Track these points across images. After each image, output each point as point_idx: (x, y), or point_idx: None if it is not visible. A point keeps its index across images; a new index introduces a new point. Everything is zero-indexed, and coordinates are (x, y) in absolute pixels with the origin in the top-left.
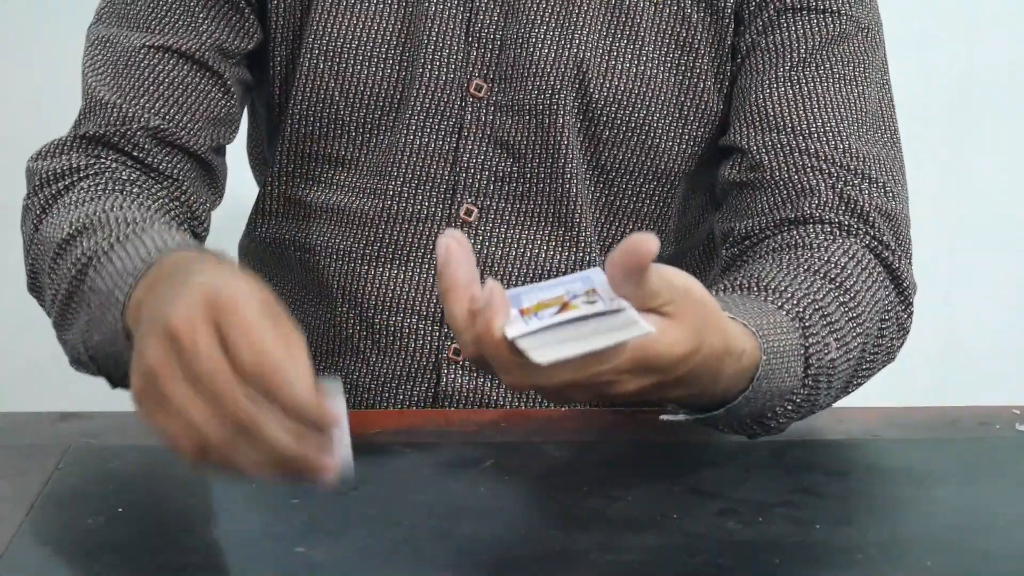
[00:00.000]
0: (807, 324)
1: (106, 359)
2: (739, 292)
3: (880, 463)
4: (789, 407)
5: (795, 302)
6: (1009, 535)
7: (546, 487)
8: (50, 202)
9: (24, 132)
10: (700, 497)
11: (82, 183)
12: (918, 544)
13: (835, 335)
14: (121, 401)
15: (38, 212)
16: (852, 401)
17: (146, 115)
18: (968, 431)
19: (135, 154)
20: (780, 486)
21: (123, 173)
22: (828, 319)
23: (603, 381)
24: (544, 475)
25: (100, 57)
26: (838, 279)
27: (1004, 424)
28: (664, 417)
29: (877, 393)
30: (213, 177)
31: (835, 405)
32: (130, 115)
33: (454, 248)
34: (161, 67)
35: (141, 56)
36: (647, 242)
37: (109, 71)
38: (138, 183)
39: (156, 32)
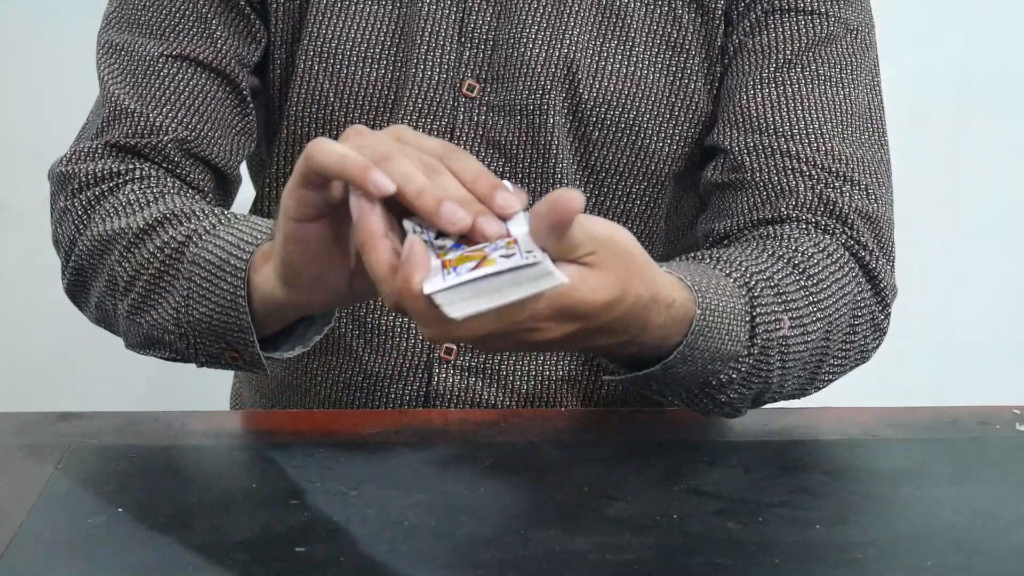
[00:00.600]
0: (755, 294)
1: (205, 334)
2: (691, 260)
3: (879, 463)
4: (735, 375)
5: (746, 274)
6: (1009, 535)
7: (546, 487)
8: (93, 204)
9: (24, 132)
10: (700, 497)
11: (129, 186)
12: (917, 544)
13: (790, 314)
14: (121, 401)
15: (80, 213)
16: (851, 401)
17: (173, 125)
18: (968, 431)
19: (165, 165)
20: (780, 486)
21: (166, 180)
22: (782, 297)
23: (524, 328)
24: (544, 475)
25: (117, 64)
26: (801, 265)
27: (1004, 424)
28: (607, 377)
29: (877, 393)
30: (228, 189)
31: (833, 405)
32: (157, 125)
33: (364, 203)
34: (182, 76)
35: (160, 65)
36: (572, 199)
37: (129, 80)
38: (181, 191)
39: (171, 40)
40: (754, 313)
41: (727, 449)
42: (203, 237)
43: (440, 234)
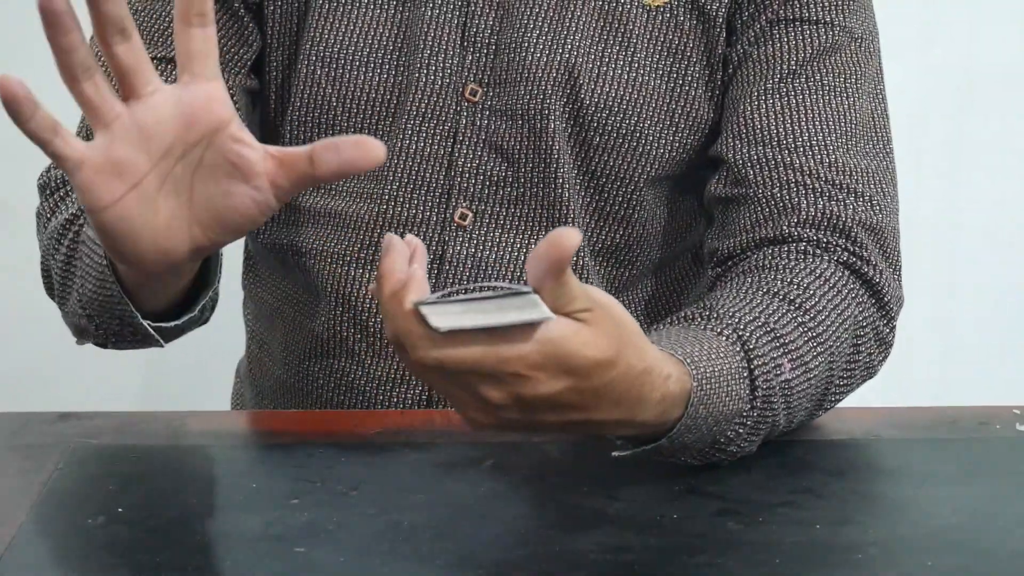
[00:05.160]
0: (751, 347)
1: (101, 312)
2: (682, 324)
3: (880, 463)
4: (742, 430)
5: (740, 326)
6: (1009, 535)
7: (546, 487)
8: (57, 204)
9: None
10: (700, 497)
11: None
12: (918, 544)
13: (790, 356)
14: (121, 401)
15: (48, 216)
16: (852, 401)
17: None
18: (968, 431)
19: None
20: (780, 486)
21: None
22: (780, 340)
23: (513, 373)
24: (544, 475)
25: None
26: (797, 300)
27: (1004, 424)
28: (616, 453)
29: (877, 393)
30: None
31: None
32: None
33: (396, 242)
34: (164, 79)
35: None
36: (570, 235)
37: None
38: None
39: (159, 44)
40: (752, 367)
41: None
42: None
43: None
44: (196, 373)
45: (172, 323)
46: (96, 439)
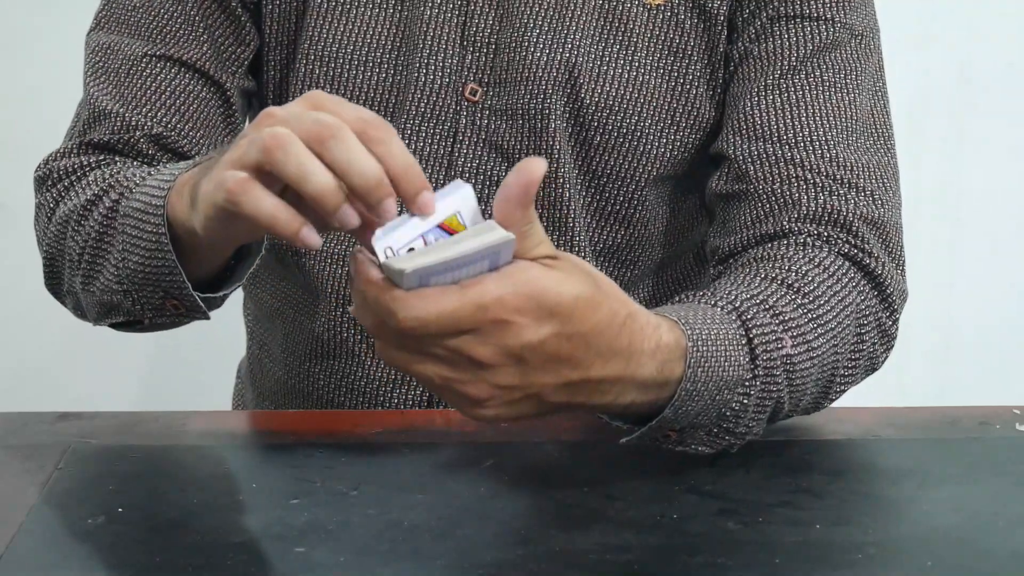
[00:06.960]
0: (747, 317)
1: (143, 285)
2: (672, 303)
3: (880, 463)
4: (747, 401)
5: (734, 301)
6: (1009, 535)
7: (546, 487)
8: (63, 193)
9: (24, 132)
10: (700, 497)
11: (95, 171)
12: (918, 544)
13: (790, 332)
14: (121, 401)
15: (51, 205)
16: (852, 401)
17: (148, 123)
18: (968, 431)
19: (140, 159)
20: (780, 486)
21: (131, 163)
22: (780, 317)
23: (494, 320)
24: (544, 475)
25: (102, 65)
26: (796, 284)
27: (1004, 424)
28: (624, 440)
29: (877, 393)
30: None
31: (834, 405)
32: (133, 123)
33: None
34: (163, 76)
35: (143, 65)
36: (538, 163)
37: (111, 79)
38: (137, 166)
39: (157, 41)
40: (751, 335)
41: None
42: (132, 191)
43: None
44: (196, 373)
45: (221, 292)
46: (96, 439)
